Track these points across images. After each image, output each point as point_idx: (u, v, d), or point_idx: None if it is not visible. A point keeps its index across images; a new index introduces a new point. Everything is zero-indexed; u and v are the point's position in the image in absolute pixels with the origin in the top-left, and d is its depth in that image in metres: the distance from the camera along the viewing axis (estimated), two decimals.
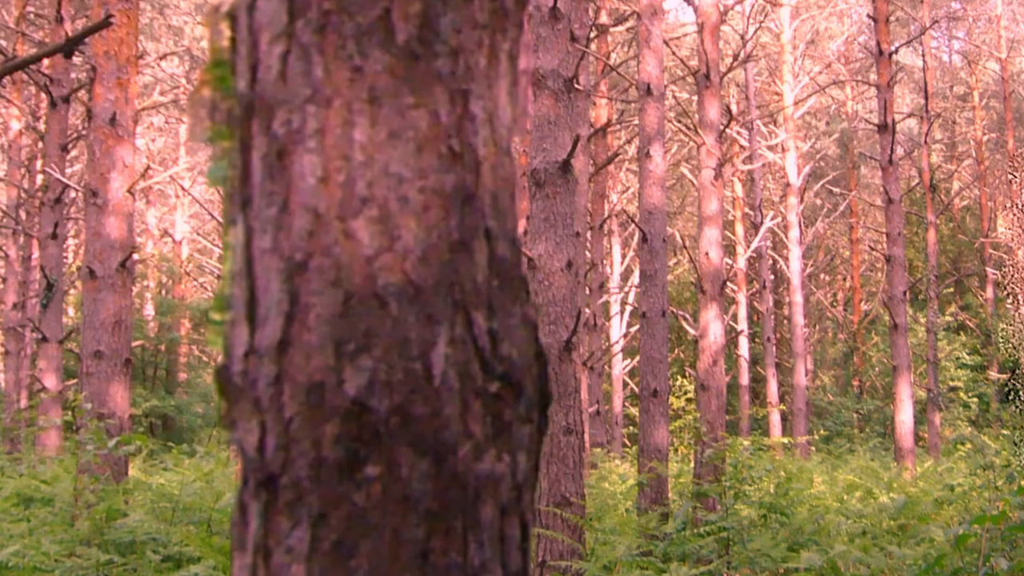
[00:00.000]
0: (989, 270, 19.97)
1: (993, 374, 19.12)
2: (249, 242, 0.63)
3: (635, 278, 14.74)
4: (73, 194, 10.84)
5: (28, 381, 13.04)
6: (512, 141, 0.70)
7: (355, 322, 0.59)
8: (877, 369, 21.15)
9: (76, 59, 9.71)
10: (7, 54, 10.63)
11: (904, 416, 10.15)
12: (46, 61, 8.99)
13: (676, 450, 14.84)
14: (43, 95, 10.81)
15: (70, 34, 7.12)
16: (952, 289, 22.29)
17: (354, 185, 0.61)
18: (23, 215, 13.32)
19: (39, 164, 13.05)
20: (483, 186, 0.67)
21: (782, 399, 17.94)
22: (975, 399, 18.84)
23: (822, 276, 25.43)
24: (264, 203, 0.63)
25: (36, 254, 12.00)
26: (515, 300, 0.67)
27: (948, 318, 19.39)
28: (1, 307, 13.47)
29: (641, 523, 5.57)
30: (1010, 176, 20.86)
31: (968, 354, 19.60)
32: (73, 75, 10.28)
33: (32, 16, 12.42)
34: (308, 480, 0.58)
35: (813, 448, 15.87)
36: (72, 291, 16.53)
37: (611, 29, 12.29)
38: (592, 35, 10.94)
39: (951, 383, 18.84)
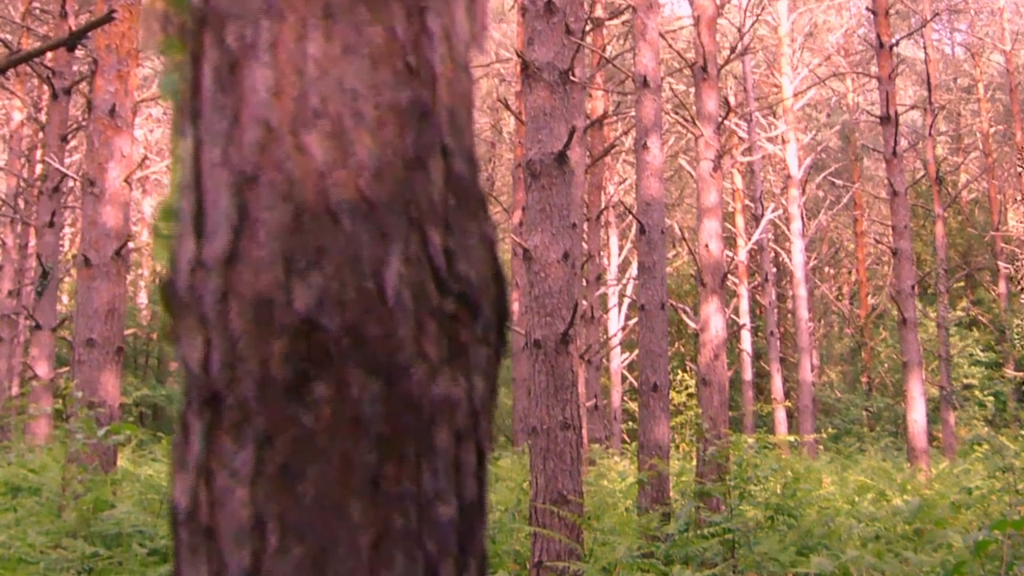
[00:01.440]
0: (1001, 264, 19.88)
1: (1009, 372, 18.83)
2: (198, 155, 0.62)
3: (633, 270, 14.77)
4: (71, 183, 11.19)
5: (20, 369, 13.33)
6: (470, 57, 0.69)
7: (306, 238, 0.58)
8: (886, 365, 20.92)
9: (78, 52, 10.11)
10: (12, 48, 11.03)
11: (916, 415, 9.89)
12: (49, 54, 9.69)
13: (677, 447, 14.75)
14: (45, 87, 11.22)
15: (73, 28, 7.36)
16: (963, 283, 22.18)
17: (307, 99, 0.61)
18: (21, 204, 13.79)
19: (39, 154, 13.51)
20: (440, 102, 0.67)
21: (787, 395, 17.81)
22: (991, 398, 18.50)
23: (826, 269, 25.38)
24: (215, 116, 0.62)
25: (33, 242, 12.32)
26: (473, 218, 0.66)
27: (960, 313, 19.22)
28: None
29: (642, 523, 5.50)
30: (1019, 169, 20.87)
31: (982, 350, 19.30)
32: (75, 68, 10.82)
33: (38, 11, 12.89)
34: (254, 400, 0.56)
35: (821, 447, 15.70)
36: (67, 279, 16.80)
37: (607, 23, 12.33)
38: (588, 28, 10.98)
39: (965, 380, 18.56)
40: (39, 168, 13.42)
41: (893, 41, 11.12)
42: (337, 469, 0.56)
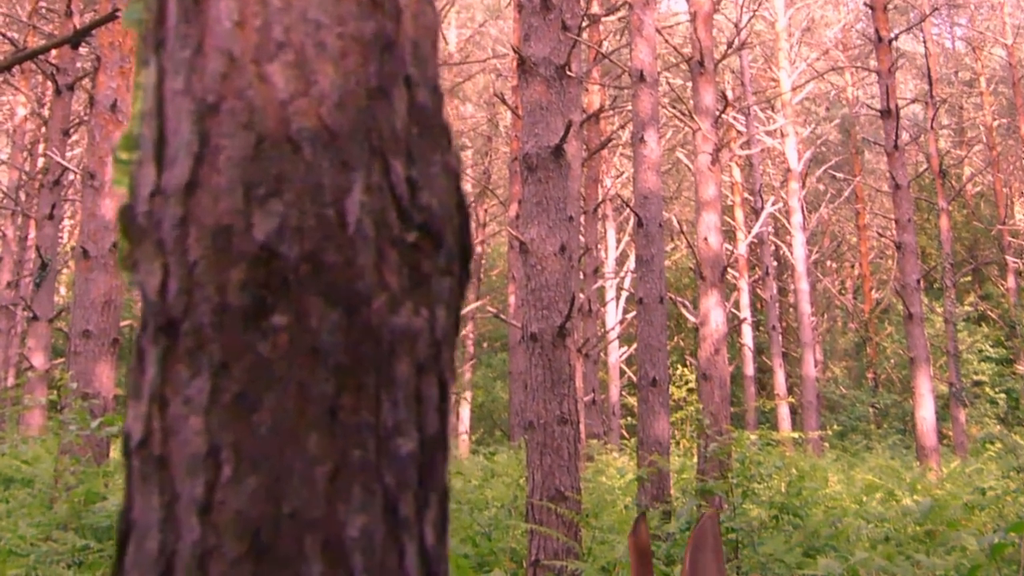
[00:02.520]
0: (1009, 259, 19.76)
1: (1021, 368, 18.68)
2: (161, 83, 0.63)
3: (631, 263, 14.76)
4: (72, 176, 11.52)
5: (16, 359, 13.71)
6: None
7: (266, 166, 0.59)
8: (893, 361, 20.75)
9: (82, 50, 10.49)
10: (18, 46, 11.38)
11: (925, 412, 9.77)
12: (54, 52, 9.89)
13: (678, 443, 14.68)
14: (49, 83, 11.87)
15: (78, 27, 7.51)
16: (970, 278, 22.09)
17: (270, 30, 0.61)
18: (23, 196, 14.21)
19: (41, 148, 14.05)
20: (404, 34, 0.67)
21: (790, 391, 17.71)
22: (1002, 395, 18.32)
23: (828, 263, 25.34)
24: (178, 45, 0.62)
25: (32, 234, 12.83)
26: (436, 148, 0.66)
27: (968, 308, 19.07)
28: None
29: None
30: None
31: (992, 346, 19.16)
32: (78, 64, 11.24)
33: (44, 10, 13.33)
34: (211, 327, 0.56)
35: (826, 444, 15.59)
36: (65, 271, 17.11)
37: (603, 19, 12.38)
38: (584, 25, 11.02)
39: (975, 377, 18.41)
40: (41, 162, 13.83)
41: (892, 35, 11.14)
42: (294, 399, 0.55)
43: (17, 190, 14.20)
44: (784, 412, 15.60)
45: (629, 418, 18.56)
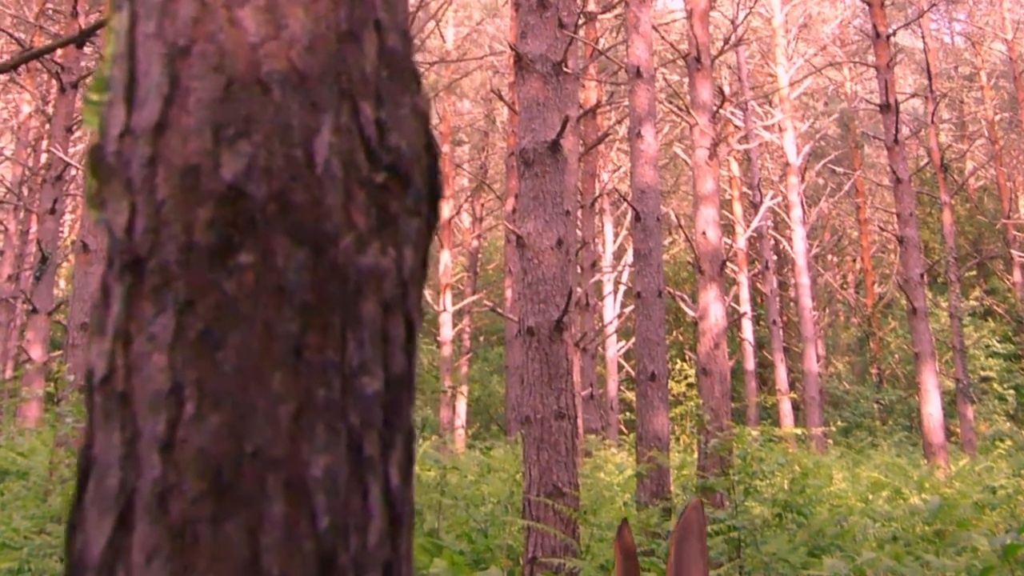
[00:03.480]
0: (1015, 253, 19.61)
1: None
2: (133, 27, 0.63)
3: (628, 257, 14.75)
4: (74, 172, 11.78)
5: (15, 352, 14.10)
6: None
7: (236, 107, 0.59)
8: (897, 356, 20.58)
9: (86, 49, 10.85)
10: (25, 45, 11.79)
11: (931, 408, 9.52)
12: (59, 51, 10.15)
13: (677, 439, 14.58)
14: (54, 81, 12.07)
15: (83, 27, 7.67)
16: (975, 272, 21.98)
17: None
18: (25, 191, 14.67)
19: (44, 144, 14.48)
20: None
21: (792, 386, 17.54)
22: (1011, 391, 18.07)
23: (829, 257, 25.28)
24: None
25: (34, 228, 13.11)
26: (405, 91, 0.66)
27: (973, 303, 18.86)
28: None
29: (641, 518, 5.39)
30: None
31: (999, 341, 18.94)
32: (83, 63, 11.68)
33: (50, 11, 13.72)
34: (177, 265, 0.56)
35: (830, 441, 15.49)
36: (65, 264, 17.46)
37: (599, 16, 12.42)
38: (580, 22, 11.05)
39: (982, 373, 18.22)
40: (44, 158, 14.30)
41: (890, 31, 11.14)
42: (259, 337, 0.55)
43: (20, 185, 14.60)
44: (786, 408, 15.42)
45: (628, 413, 18.50)
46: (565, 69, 5.15)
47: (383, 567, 0.56)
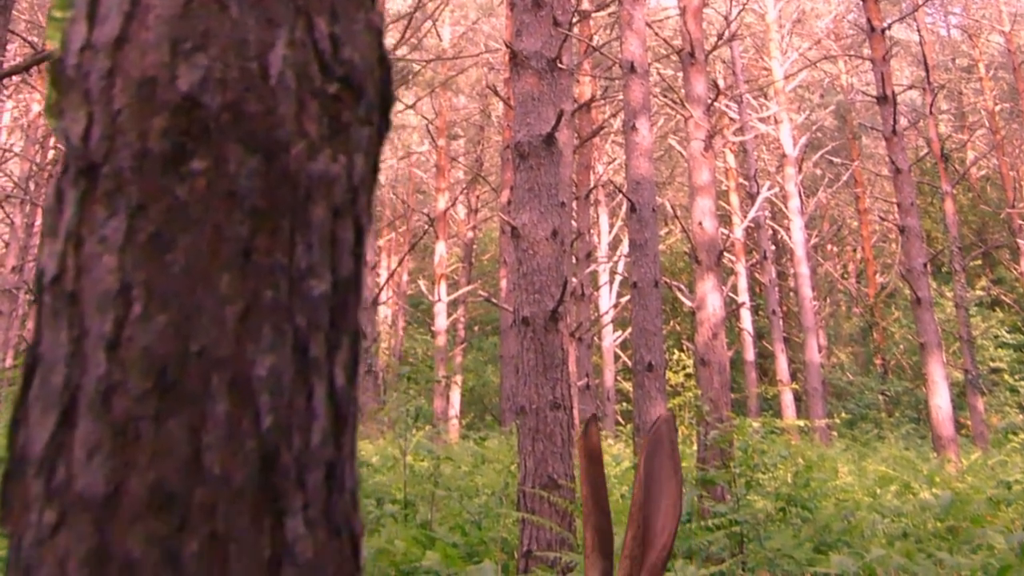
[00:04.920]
0: (1021, 242, 19.49)
1: None
2: None
3: (624, 247, 14.75)
4: None
5: (16, 341, 14.65)
6: None
7: (194, 23, 0.61)
8: (902, 347, 20.40)
9: None
10: (37, 48, 12.24)
11: (939, 400, 9.35)
12: None
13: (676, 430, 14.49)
14: None
15: None
16: (980, 261, 21.85)
17: None
18: (32, 186, 15.38)
19: (52, 141, 15.37)
20: None
21: (794, 377, 17.41)
22: (1023, 382, 17.83)
23: (829, 247, 25.23)
24: None
25: (39, 222, 14.19)
26: (359, 7, 0.68)
27: (980, 292, 18.77)
28: (1, 270, 15.19)
29: None
30: None
31: (1008, 332, 18.74)
32: None
33: None
34: (130, 171, 0.58)
35: (834, 433, 15.31)
36: None
37: (593, 14, 12.49)
38: (575, 20, 11.10)
39: (992, 364, 18.05)
40: (51, 154, 15.06)
41: (885, 25, 11.16)
42: (208, 240, 0.56)
43: (27, 180, 15.19)
44: (788, 399, 15.28)
45: (624, 404, 18.44)
46: (560, 65, 5.18)
47: (326, 466, 0.57)
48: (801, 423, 9.49)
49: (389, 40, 15.33)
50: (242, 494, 0.52)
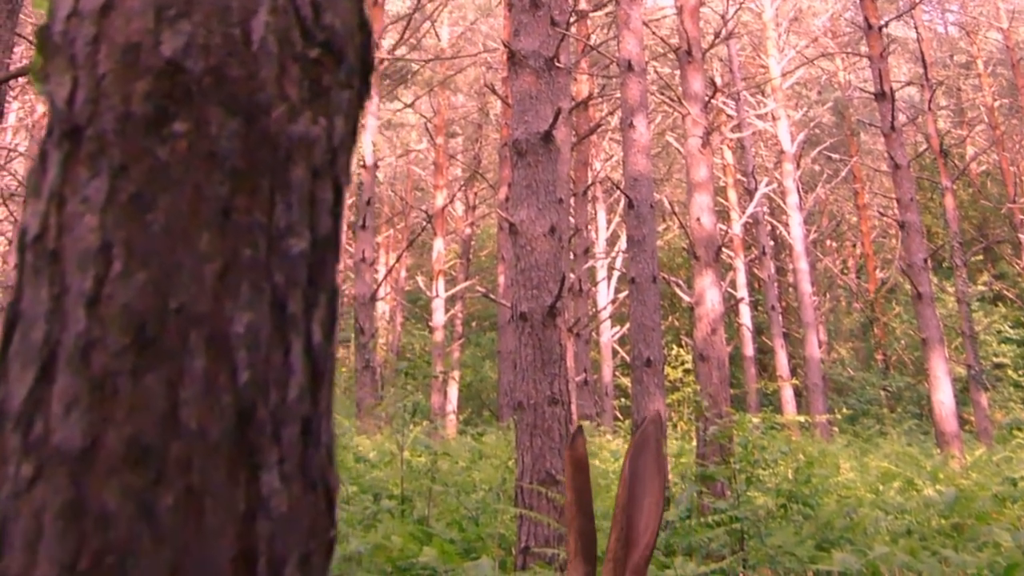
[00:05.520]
0: (1023, 237, 19.43)
1: None
2: None
3: (622, 243, 14.75)
4: None
5: None
6: None
7: None
8: (903, 342, 20.25)
9: None
10: None
11: (942, 395, 9.30)
12: None
13: (675, 426, 14.45)
14: None
15: None
16: (981, 257, 21.77)
17: None
18: None
19: None
20: None
21: (794, 373, 17.34)
22: None
23: (828, 242, 25.21)
24: None
25: None
26: None
27: (981, 287, 18.60)
28: (4, 267, 15.17)
29: None
30: None
31: (1011, 327, 18.60)
32: None
33: None
34: (113, 133, 0.59)
35: (835, 429, 15.21)
36: None
37: (591, 14, 12.52)
38: (572, 20, 11.13)
39: (995, 359, 17.90)
40: None
41: (882, 23, 11.18)
42: (189, 200, 0.57)
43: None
44: (788, 395, 15.22)
45: (623, 399, 18.39)
46: (557, 64, 5.21)
47: (302, 421, 0.58)
48: (801, 419, 9.44)
49: (389, 41, 15.37)
50: (218, 448, 0.53)
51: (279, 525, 0.54)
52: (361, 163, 11.88)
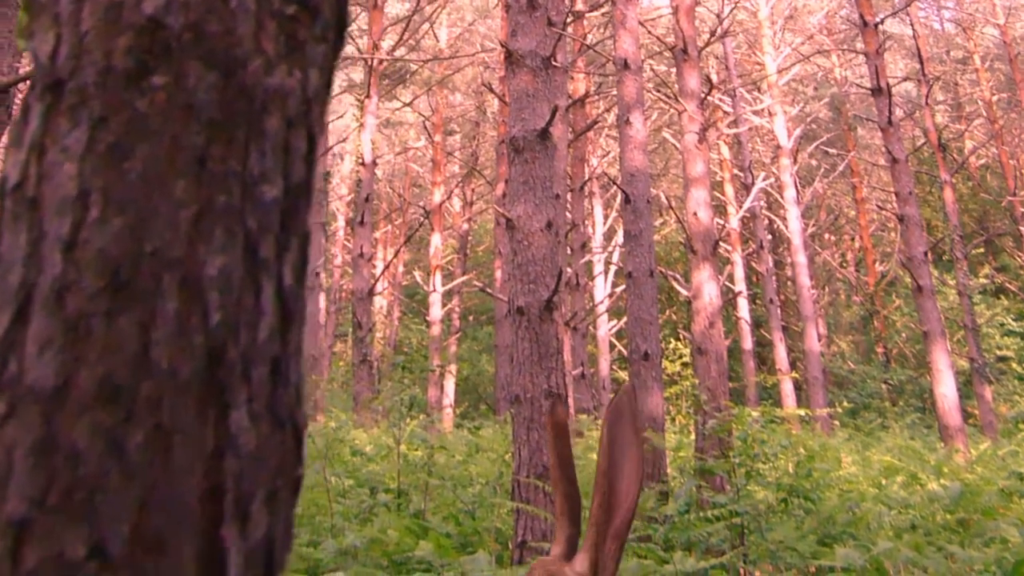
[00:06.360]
0: None
1: None
2: None
3: (619, 238, 14.76)
4: None
5: None
6: None
7: None
8: (904, 335, 20.20)
9: None
10: None
11: (945, 389, 9.27)
12: None
13: (673, 419, 14.43)
14: None
15: None
16: (982, 249, 21.75)
17: None
18: None
19: None
20: None
21: (793, 366, 17.33)
22: None
23: (826, 236, 25.24)
24: None
25: None
26: None
27: (983, 280, 18.56)
28: None
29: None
30: None
31: (1015, 320, 18.53)
32: None
33: None
34: (94, 86, 0.60)
35: (836, 422, 15.17)
36: None
37: (587, 14, 12.57)
38: (569, 20, 11.16)
39: (999, 352, 17.87)
40: None
41: (878, 20, 11.20)
42: (166, 149, 0.59)
43: None
44: (788, 388, 15.17)
45: None
46: (554, 63, 5.24)
47: (272, 361, 0.59)
48: (802, 412, 9.42)
49: (388, 42, 15.41)
50: (188, 387, 0.54)
51: (247, 463, 0.55)
52: (360, 161, 11.93)
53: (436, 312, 16.67)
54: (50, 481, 0.50)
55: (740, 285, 15.96)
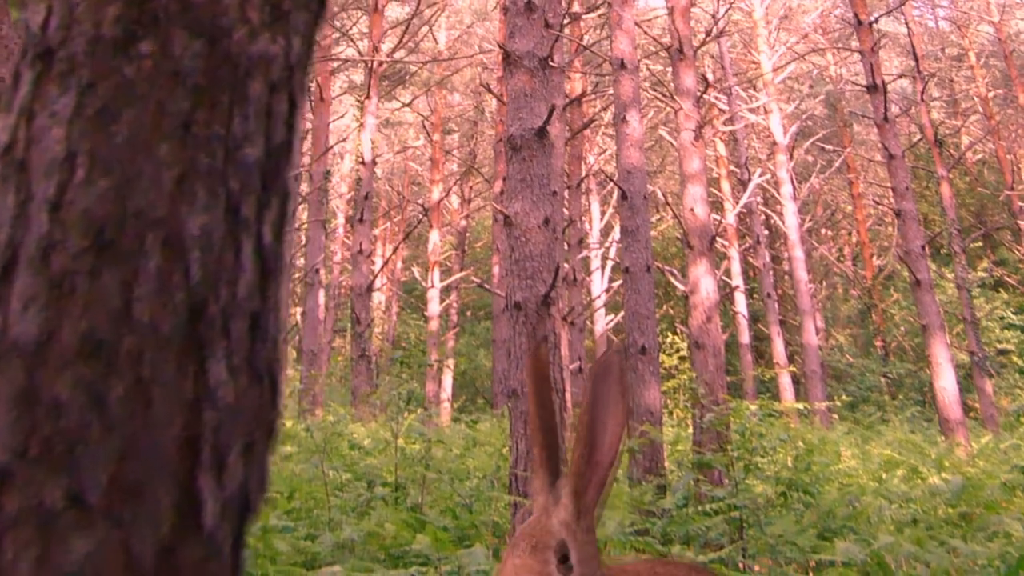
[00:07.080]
0: (1022, 223, 19.00)
1: None
2: None
3: (616, 234, 14.75)
4: None
5: None
6: None
7: None
8: (903, 328, 20.06)
9: None
10: None
11: (945, 382, 9.20)
12: None
13: (671, 413, 14.40)
14: None
15: None
16: (980, 243, 21.68)
17: None
18: None
19: None
20: None
21: (791, 360, 17.23)
22: None
23: (823, 231, 25.19)
24: None
25: None
26: None
27: (982, 274, 18.46)
28: None
29: (634, 496, 5.15)
30: None
31: (1014, 313, 18.39)
32: None
33: None
34: (83, 54, 0.61)
35: (835, 416, 15.11)
36: None
37: (584, 16, 12.59)
38: (566, 22, 11.18)
39: (999, 345, 17.75)
40: None
41: (872, 18, 11.20)
42: (152, 113, 0.60)
43: None
44: (786, 382, 15.07)
45: None
46: (551, 63, 5.26)
47: (251, 316, 0.60)
48: (800, 406, 9.39)
49: (388, 44, 15.42)
50: (169, 342, 0.55)
51: (225, 414, 0.56)
52: (360, 160, 11.94)
53: (434, 308, 16.69)
54: (31, 432, 0.51)
55: (737, 280, 15.90)
